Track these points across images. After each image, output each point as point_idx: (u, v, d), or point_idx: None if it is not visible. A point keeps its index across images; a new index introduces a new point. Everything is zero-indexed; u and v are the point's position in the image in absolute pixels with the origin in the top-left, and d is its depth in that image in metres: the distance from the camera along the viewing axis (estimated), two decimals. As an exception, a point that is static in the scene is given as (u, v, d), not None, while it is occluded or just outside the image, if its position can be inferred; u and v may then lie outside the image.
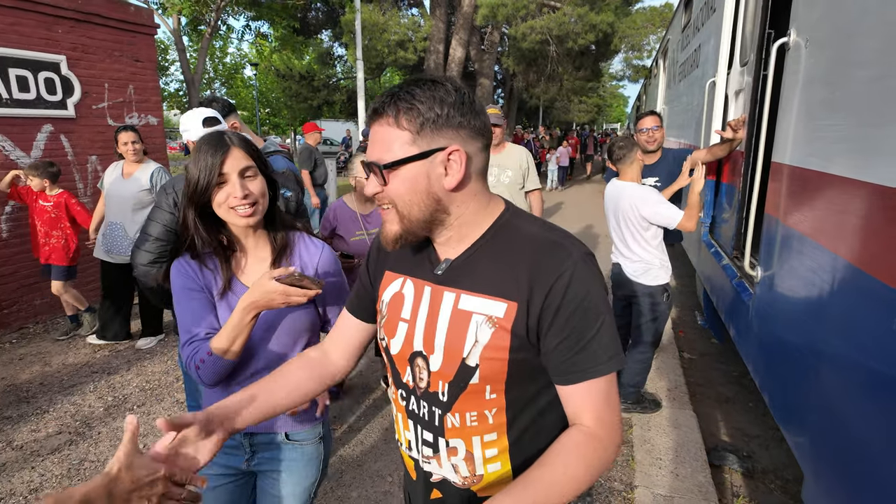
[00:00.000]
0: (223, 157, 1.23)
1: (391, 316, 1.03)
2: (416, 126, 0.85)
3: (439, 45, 13.73)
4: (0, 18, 4.34)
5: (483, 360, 0.90)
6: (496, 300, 0.90)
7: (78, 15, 4.90)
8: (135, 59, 5.55)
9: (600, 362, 0.87)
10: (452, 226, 0.94)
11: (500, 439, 0.97)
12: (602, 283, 0.90)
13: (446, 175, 0.88)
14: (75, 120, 4.99)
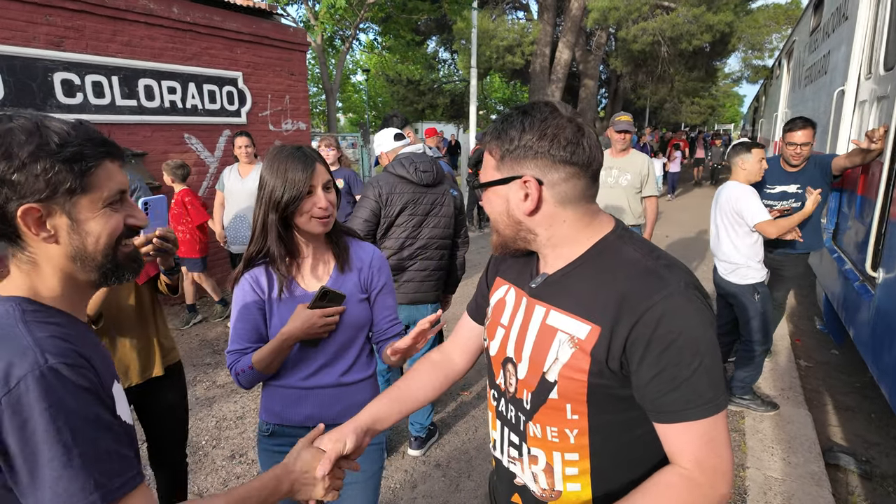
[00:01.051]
0: (312, 171, 1.33)
1: (493, 320, 1.09)
2: (500, 154, 0.93)
3: (545, 49, 13.96)
4: (197, 43, 5.33)
5: (561, 378, 0.92)
6: (581, 321, 0.90)
7: (252, 38, 5.84)
8: (290, 73, 6.46)
9: (696, 405, 0.83)
10: (546, 245, 0.97)
11: (582, 461, 0.96)
12: (705, 319, 0.85)
13: (524, 201, 0.92)
14: (246, 125, 5.95)
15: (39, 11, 4.09)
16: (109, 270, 0.87)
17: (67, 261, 0.84)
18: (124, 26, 4.66)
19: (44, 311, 0.82)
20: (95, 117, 4.50)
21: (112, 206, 0.85)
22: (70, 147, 0.78)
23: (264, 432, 1.54)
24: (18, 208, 0.77)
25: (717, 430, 0.84)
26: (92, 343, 0.87)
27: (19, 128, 0.76)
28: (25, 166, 0.76)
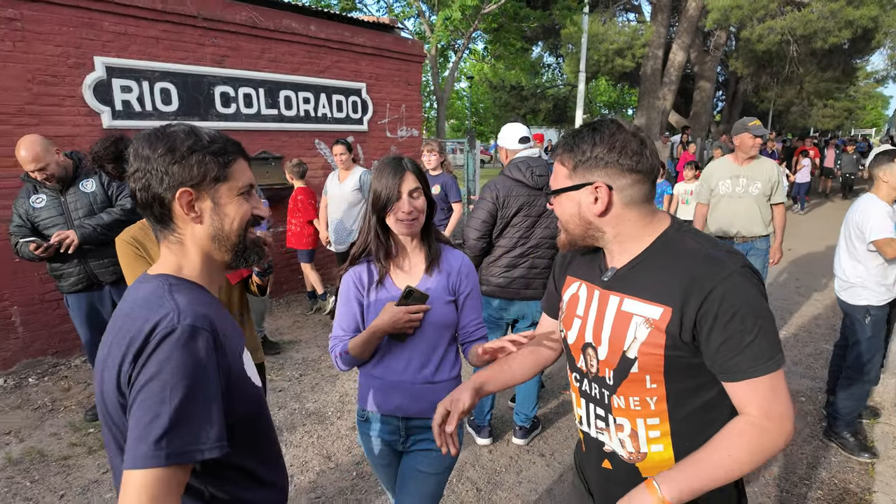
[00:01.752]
0: (401, 179, 1.51)
1: (568, 313, 1.25)
2: (573, 164, 1.10)
3: (658, 51, 13.43)
4: (329, 57, 5.89)
5: (641, 354, 1.07)
6: (654, 305, 1.06)
7: (375, 51, 6.33)
8: (407, 83, 6.89)
9: (759, 363, 0.99)
10: (613, 241, 1.13)
11: (663, 424, 1.11)
12: (760, 292, 1.02)
13: (595, 204, 1.08)
14: (367, 133, 6.45)
15: (208, 35, 4.79)
16: (240, 251, 1.04)
17: (208, 240, 1.01)
18: (271, 45, 5.30)
19: (186, 284, 1.00)
20: (245, 125, 5.16)
21: (243, 195, 1.03)
22: (216, 144, 0.99)
23: (360, 418, 1.72)
24: (176, 192, 0.96)
25: (778, 382, 1.00)
26: (223, 314, 1.03)
27: (179, 130, 0.98)
28: (184, 158, 0.96)
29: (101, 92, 4.20)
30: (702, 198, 3.95)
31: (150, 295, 0.94)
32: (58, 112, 4.02)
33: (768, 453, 1.00)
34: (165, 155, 0.95)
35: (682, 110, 17.96)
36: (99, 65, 4.15)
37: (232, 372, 0.95)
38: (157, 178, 0.95)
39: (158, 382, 0.83)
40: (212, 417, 0.87)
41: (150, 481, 0.80)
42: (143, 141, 0.97)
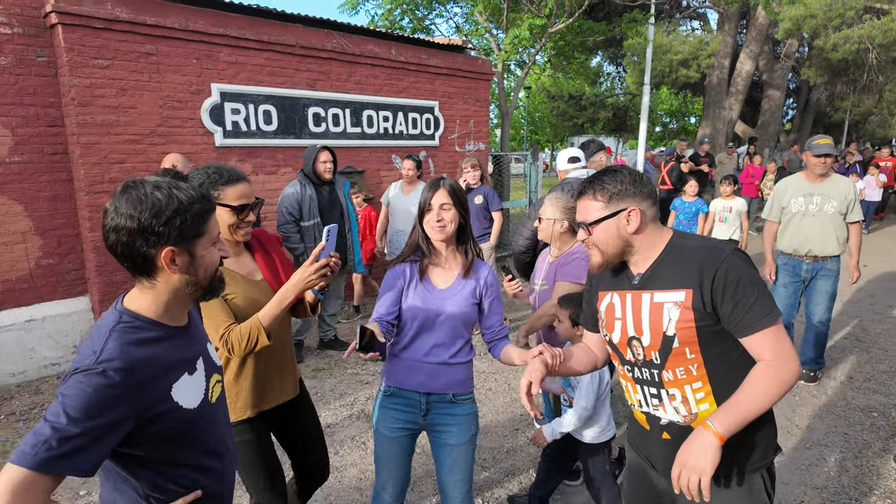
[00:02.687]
0: (434, 193, 1.83)
1: (608, 319, 1.54)
2: (607, 197, 1.42)
3: (724, 60, 13.20)
4: (406, 79, 6.33)
5: (678, 330, 1.37)
6: (677, 290, 1.37)
7: (448, 71, 6.72)
8: (476, 100, 7.24)
9: (763, 316, 1.30)
10: (638, 252, 1.45)
11: (705, 386, 1.40)
12: (751, 265, 1.35)
13: (628, 224, 1.41)
14: (438, 147, 6.85)
15: (303, 61, 5.31)
16: (208, 291, 1.19)
17: (182, 286, 1.13)
18: (357, 68, 5.78)
19: (138, 322, 1.11)
20: (333, 142, 5.65)
21: (215, 244, 1.16)
22: (196, 204, 1.10)
23: (386, 392, 1.96)
24: (161, 250, 1.07)
25: (779, 331, 1.32)
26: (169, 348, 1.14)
27: (161, 194, 1.06)
28: (170, 220, 1.05)
29: (215, 114, 4.78)
30: (772, 215, 4.00)
31: (99, 329, 1.09)
32: (180, 132, 4.61)
33: (786, 387, 1.29)
34: (152, 218, 1.04)
35: (749, 120, 17.45)
36: (215, 90, 4.73)
37: (154, 401, 1.08)
38: (141, 237, 1.05)
39: (57, 405, 0.98)
40: (87, 445, 0.98)
41: (16, 477, 0.93)
42: (124, 200, 1.05)
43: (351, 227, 4.46)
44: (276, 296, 1.71)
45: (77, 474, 0.99)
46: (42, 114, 4.12)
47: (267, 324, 1.68)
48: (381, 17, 9.19)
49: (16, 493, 0.92)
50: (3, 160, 3.98)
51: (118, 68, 4.19)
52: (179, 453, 1.18)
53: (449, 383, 1.92)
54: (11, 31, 3.91)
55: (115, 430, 1.02)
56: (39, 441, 0.95)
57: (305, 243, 4.18)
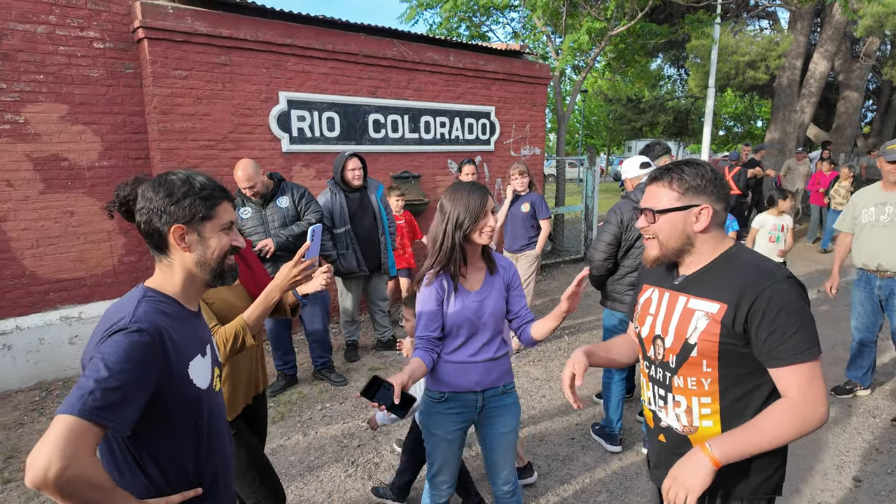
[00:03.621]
0: (486, 201, 1.84)
1: (643, 312, 1.52)
2: (683, 189, 1.36)
3: (796, 61, 12.51)
4: (464, 84, 6.39)
5: (700, 341, 1.32)
6: (713, 302, 1.32)
7: (505, 76, 6.73)
8: (532, 105, 7.21)
9: (800, 351, 1.21)
10: (693, 254, 1.39)
11: (714, 403, 1.34)
12: (802, 296, 1.26)
13: (696, 222, 1.35)
14: (493, 152, 6.86)
15: (365, 70, 5.47)
16: (217, 274, 1.27)
17: (193, 265, 1.24)
18: (415, 75, 5.89)
19: (159, 295, 1.22)
20: (391, 147, 5.79)
21: (224, 230, 1.27)
22: (206, 190, 1.24)
23: (438, 399, 1.96)
24: (171, 227, 1.20)
25: (814, 371, 1.23)
26: (186, 324, 1.25)
27: (177, 178, 1.23)
28: (179, 200, 1.20)
29: (283, 121, 5.00)
30: (845, 226, 3.78)
31: (125, 301, 1.20)
32: (249, 139, 4.86)
33: (803, 430, 1.22)
34: (165, 198, 1.20)
35: (823, 123, 16.45)
36: (282, 98, 4.94)
37: (173, 372, 1.16)
38: (157, 215, 1.20)
39: (97, 361, 1.05)
40: (126, 399, 1.04)
41: (68, 425, 0.98)
42: (149, 186, 1.23)
43: (384, 231, 4.47)
44: (261, 296, 1.74)
45: (118, 427, 1.04)
46: (128, 122, 4.45)
47: (252, 324, 1.73)
48: (439, 25, 9.32)
49: (70, 440, 0.97)
50: (93, 165, 4.33)
51: (195, 78, 4.46)
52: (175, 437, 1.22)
53: (500, 375, 2.01)
54: (104, 46, 4.25)
55: (143, 389, 1.09)
56: (85, 392, 1.00)
57: (338, 250, 4.28)
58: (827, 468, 3.06)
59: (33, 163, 4.09)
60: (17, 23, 3.90)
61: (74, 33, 4.13)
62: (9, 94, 3.94)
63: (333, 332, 5.36)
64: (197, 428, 1.26)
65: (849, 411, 3.70)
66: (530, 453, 3.20)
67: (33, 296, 4.21)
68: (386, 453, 3.21)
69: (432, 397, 2.01)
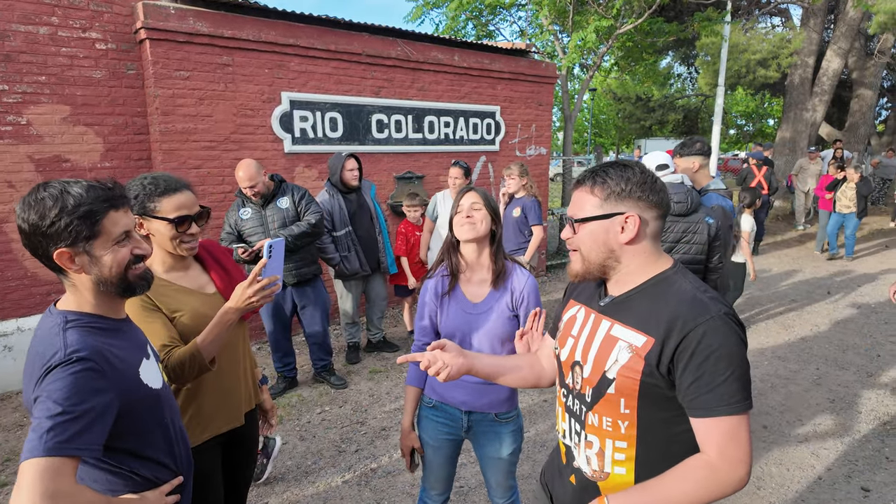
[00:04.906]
0: (462, 196, 1.82)
1: (564, 332, 1.35)
2: (605, 195, 1.18)
3: (808, 59, 12.31)
4: (469, 84, 6.34)
5: (619, 376, 1.15)
6: (639, 333, 1.14)
7: (511, 75, 6.67)
8: (538, 104, 7.14)
9: (725, 403, 1.04)
10: (621, 271, 1.21)
11: (629, 449, 1.18)
12: (738, 339, 1.07)
13: (621, 233, 1.17)
14: (498, 152, 6.81)
15: (368, 69, 5.44)
16: (125, 288, 1.19)
17: (93, 284, 1.16)
18: (420, 75, 5.85)
19: (83, 317, 1.15)
20: (394, 148, 5.75)
21: (119, 243, 1.16)
22: (83, 206, 1.10)
23: (428, 404, 1.95)
24: (54, 251, 1.10)
25: (739, 427, 1.06)
26: (120, 334, 1.21)
27: (49, 196, 1.09)
28: (53, 224, 1.08)
29: (285, 122, 4.97)
30: None
31: (48, 333, 1.12)
32: (252, 139, 4.84)
33: (716, 493, 1.06)
34: (39, 221, 1.08)
35: (836, 122, 16.19)
36: (285, 99, 4.92)
37: (128, 384, 1.14)
38: (35, 239, 1.10)
39: (44, 400, 1.01)
40: (87, 426, 1.01)
41: (37, 468, 0.94)
42: (20, 204, 1.11)
43: (381, 230, 4.43)
44: (215, 318, 1.54)
45: (88, 453, 1.01)
46: (130, 122, 4.44)
47: (206, 348, 1.52)
48: (445, 26, 9.27)
49: (46, 480, 0.92)
50: (95, 166, 4.33)
51: (197, 79, 4.45)
52: (148, 439, 1.23)
53: (492, 402, 1.86)
54: (106, 47, 4.25)
55: (105, 413, 1.05)
56: (43, 431, 0.96)
57: (340, 252, 4.25)
58: (835, 477, 2.98)
59: (35, 164, 4.10)
60: (19, 24, 3.90)
61: (76, 34, 4.13)
62: (11, 95, 3.94)
63: (335, 333, 5.33)
64: (162, 424, 1.27)
65: (859, 418, 3.62)
66: (530, 459, 3.15)
67: (35, 297, 4.22)
68: (383, 459, 3.18)
69: (424, 400, 1.98)
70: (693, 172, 3.17)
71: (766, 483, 2.95)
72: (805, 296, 6.55)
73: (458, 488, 2.88)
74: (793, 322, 5.60)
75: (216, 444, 1.76)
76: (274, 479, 3.00)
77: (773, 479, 2.99)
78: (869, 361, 4.57)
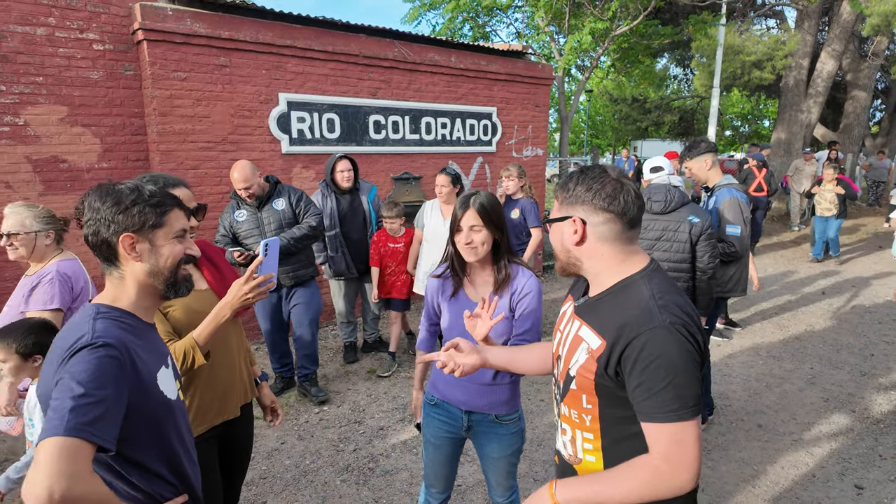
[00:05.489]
0: (463, 213, 1.75)
1: (556, 325, 1.44)
2: (562, 199, 1.27)
3: (802, 61, 12.39)
4: (466, 85, 6.36)
5: (578, 375, 1.24)
6: (597, 336, 1.20)
7: (507, 77, 6.69)
8: (535, 105, 7.17)
9: (664, 411, 1.08)
10: (588, 272, 1.28)
11: (595, 440, 1.26)
12: (682, 348, 1.09)
13: (573, 235, 1.23)
14: (494, 153, 6.83)
15: (366, 70, 5.45)
16: (171, 284, 1.23)
17: (145, 275, 1.20)
18: (417, 76, 5.87)
19: (114, 311, 1.18)
20: (391, 149, 5.76)
21: (177, 238, 1.23)
22: (155, 198, 1.20)
23: (430, 401, 1.99)
24: (120, 236, 1.16)
25: (683, 433, 1.09)
26: (145, 337, 1.22)
27: (125, 187, 1.19)
28: (128, 209, 1.16)
29: (282, 123, 4.98)
30: None
31: (79, 320, 1.15)
32: (249, 140, 4.85)
33: (657, 494, 1.10)
34: (112, 207, 1.16)
35: (831, 123, 16.29)
36: (282, 100, 4.93)
37: (145, 386, 1.14)
38: (104, 225, 1.16)
39: (67, 381, 1.01)
40: (106, 414, 1.00)
41: (56, 447, 0.93)
42: (95, 195, 1.19)
43: (372, 234, 4.41)
44: (211, 314, 1.64)
45: (105, 444, 0.99)
46: (127, 123, 4.45)
47: (202, 342, 1.63)
48: (442, 26, 9.29)
49: (65, 459, 0.91)
50: (93, 166, 4.33)
51: (195, 80, 4.45)
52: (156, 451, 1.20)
53: (492, 403, 1.86)
54: (103, 48, 4.25)
55: (119, 405, 1.04)
56: (65, 411, 0.95)
57: (328, 252, 4.25)
58: (829, 475, 3.01)
59: (32, 164, 4.10)
60: (16, 25, 3.91)
61: (74, 35, 4.13)
62: (8, 95, 3.94)
63: (333, 333, 5.34)
64: (173, 437, 1.25)
65: (853, 416, 3.65)
66: (527, 458, 3.16)
67: (33, 297, 4.21)
68: (381, 458, 3.19)
69: (427, 398, 2.02)
70: (707, 171, 3.23)
71: (760, 481, 2.98)
72: (800, 296, 6.59)
73: (457, 486, 2.90)
74: (788, 322, 5.64)
75: (211, 436, 1.81)
76: (272, 479, 3.01)
77: (767, 476, 3.02)
78: (863, 361, 4.61)
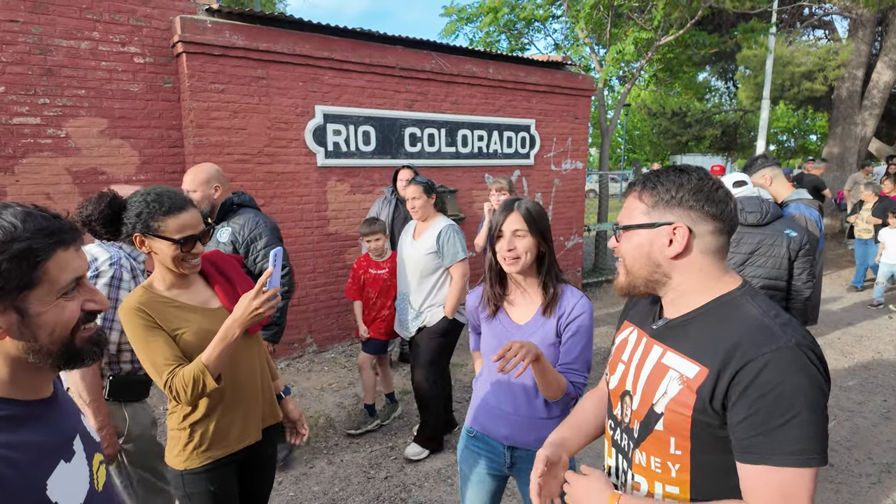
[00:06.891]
0: (504, 218, 1.60)
1: (615, 357, 1.21)
2: (653, 202, 1.05)
3: (857, 71, 11.79)
4: (504, 97, 6.21)
5: (668, 411, 1.00)
6: (691, 362, 0.99)
7: (546, 88, 6.51)
8: (575, 117, 6.96)
9: (781, 452, 0.87)
10: (675, 289, 1.06)
11: (682, 494, 1.01)
12: (811, 377, 0.88)
13: (669, 245, 1.02)
14: (532, 166, 6.63)
15: (402, 82, 5.37)
16: (67, 358, 0.86)
17: (21, 354, 0.82)
18: (454, 88, 5.75)
19: None
20: (426, 161, 5.64)
21: (66, 295, 0.84)
22: (18, 243, 0.77)
23: (470, 433, 1.81)
24: None
25: (796, 484, 0.86)
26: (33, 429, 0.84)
27: None
28: None
29: (318, 135, 4.92)
30: None
31: None
32: (285, 153, 4.80)
33: None
34: None
35: (885, 136, 15.45)
36: (318, 112, 4.88)
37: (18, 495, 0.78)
38: None
39: None
40: None
41: None
42: None
43: None
44: (219, 333, 1.48)
45: None
46: (165, 135, 4.45)
47: (212, 365, 1.47)
48: (479, 40, 9.21)
49: None
50: (130, 178, 4.34)
51: (232, 92, 4.44)
52: None
53: (539, 440, 1.61)
54: (144, 61, 4.28)
55: None
56: None
57: None
58: (918, 528, 2.66)
59: (73, 176, 4.13)
60: (61, 39, 3.96)
61: (116, 49, 4.17)
62: (52, 108, 3.99)
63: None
64: None
65: None
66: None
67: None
68: (414, 488, 2.99)
69: (466, 429, 1.85)
70: (769, 186, 2.99)
71: (838, 531, 2.65)
72: (863, 319, 6.11)
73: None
74: (852, 348, 5.20)
75: (231, 460, 1.70)
76: (299, 507, 2.85)
77: (846, 526, 2.68)
78: (943, 394, 4.17)
